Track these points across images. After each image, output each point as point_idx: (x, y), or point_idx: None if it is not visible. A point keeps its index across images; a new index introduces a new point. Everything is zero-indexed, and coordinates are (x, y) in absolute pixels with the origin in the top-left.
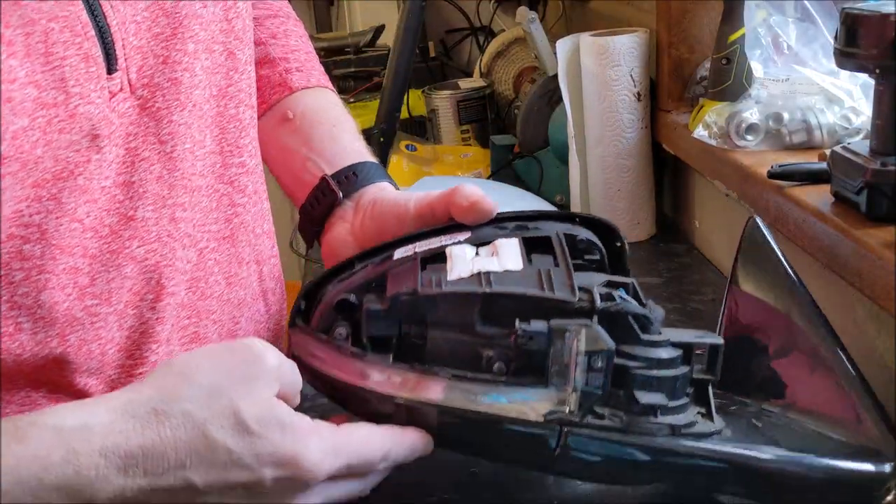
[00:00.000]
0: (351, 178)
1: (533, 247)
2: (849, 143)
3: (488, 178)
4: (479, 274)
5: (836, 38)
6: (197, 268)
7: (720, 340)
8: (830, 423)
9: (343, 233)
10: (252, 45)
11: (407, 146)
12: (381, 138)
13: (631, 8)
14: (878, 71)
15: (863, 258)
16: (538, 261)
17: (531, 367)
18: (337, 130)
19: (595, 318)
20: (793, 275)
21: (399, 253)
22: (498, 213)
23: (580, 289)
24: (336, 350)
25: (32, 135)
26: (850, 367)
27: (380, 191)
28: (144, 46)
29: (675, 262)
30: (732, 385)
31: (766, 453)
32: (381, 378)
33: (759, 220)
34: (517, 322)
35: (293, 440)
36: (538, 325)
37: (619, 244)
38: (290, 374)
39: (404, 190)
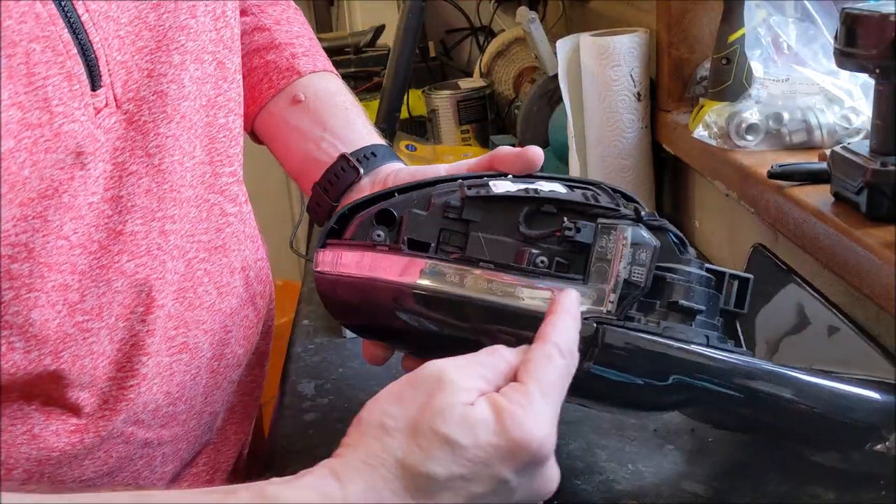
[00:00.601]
0: (370, 158)
1: (573, 188)
2: (849, 143)
3: None
4: (525, 189)
5: (836, 38)
6: (185, 278)
7: (750, 276)
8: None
9: None
10: (239, 54)
11: (407, 146)
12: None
13: (631, 8)
14: (878, 71)
15: (863, 258)
16: (581, 189)
17: (573, 266)
18: (350, 114)
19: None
20: (812, 294)
21: (442, 187)
22: None
23: (625, 198)
24: (372, 249)
25: (19, 156)
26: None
27: (396, 169)
28: (129, 61)
29: None
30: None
31: (797, 373)
32: (418, 271)
33: (762, 248)
34: (565, 219)
35: (510, 429)
36: (585, 221)
37: None
38: (483, 363)
39: None
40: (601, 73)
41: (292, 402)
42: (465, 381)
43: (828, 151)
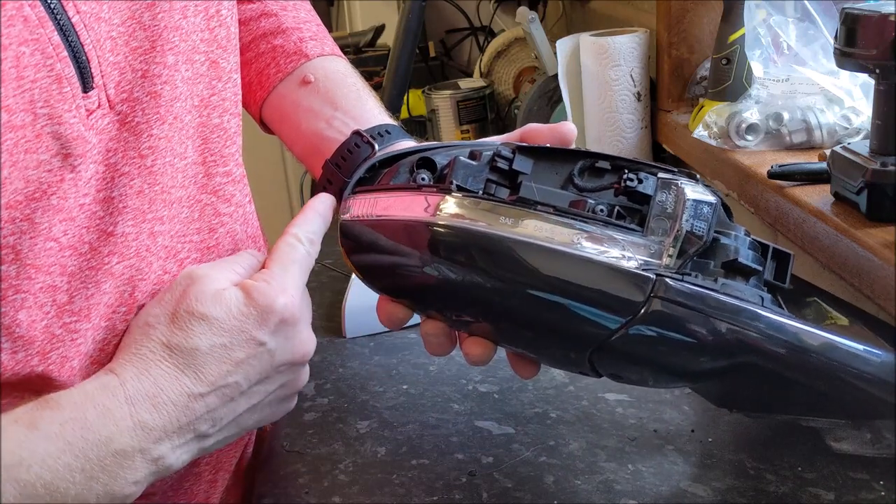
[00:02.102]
0: (384, 135)
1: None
2: (849, 143)
3: None
4: (576, 149)
5: (836, 38)
6: (176, 278)
7: (791, 252)
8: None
9: None
10: (238, 53)
11: None
12: None
13: (631, 8)
14: (878, 71)
15: (863, 258)
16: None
17: (632, 218)
18: (362, 93)
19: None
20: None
21: (479, 145)
22: None
23: (679, 171)
24: (417, 191)
25: (2, 157)
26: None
27: (409, 147)
28: (122, 62)
29: None
30: None
31: (853, 341)
32: (469, 211)
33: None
34: (625, 170)
35: (256, 297)
36: (646, 174)
37: None
38: (233, 260)
39: None
40: (601, 73)
41: None
42: (216, 273)
43: (828, 151)
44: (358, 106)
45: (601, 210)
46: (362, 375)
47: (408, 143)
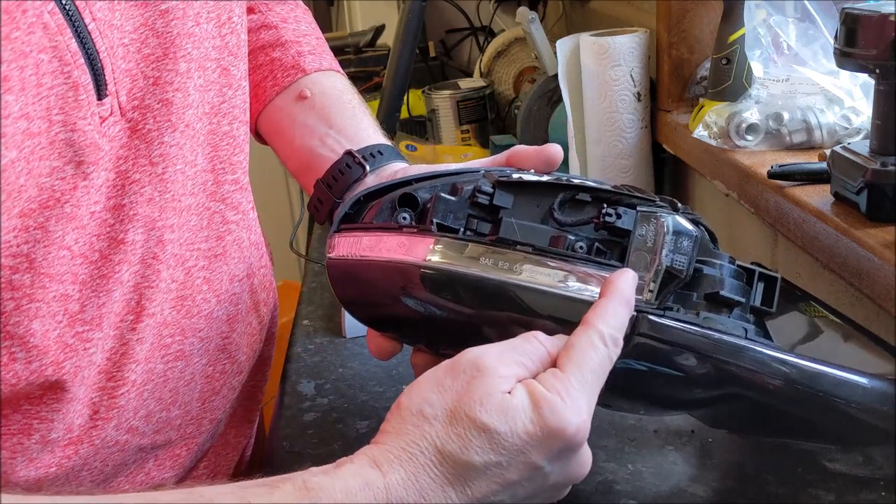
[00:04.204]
0: (376, 156)
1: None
2: (849, 143)
3: None
4: (556, 176)
5: (836, 38)
6: (184, 286)
7: (778, 274)
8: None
9: None
10: (247, 60)
11: (407, 146)
12: None
13: (631, 8)
14: (878, 71)
15: (863, 258)
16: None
17: (610, 253)
18: (357, 112)
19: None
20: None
21: (465, 177)
22: None
23: (661, 198)
24: (399, 232)
25: (18, 165)
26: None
27: (405, 167)
28: (134, 69)
29: None
30: None
31: (835, 369)
32: (450, 253)
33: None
34: (604, 205)
35: (547, 418)
36: (625, 209)
37: None
38: (521, 350)
39: None
40: (601, 73)
41: (292, 403)
42: (504, 368)
43: (828, 151)
44: (352, 124)
45: (581, 248)
46: (362, 375)
47: (400, 165)
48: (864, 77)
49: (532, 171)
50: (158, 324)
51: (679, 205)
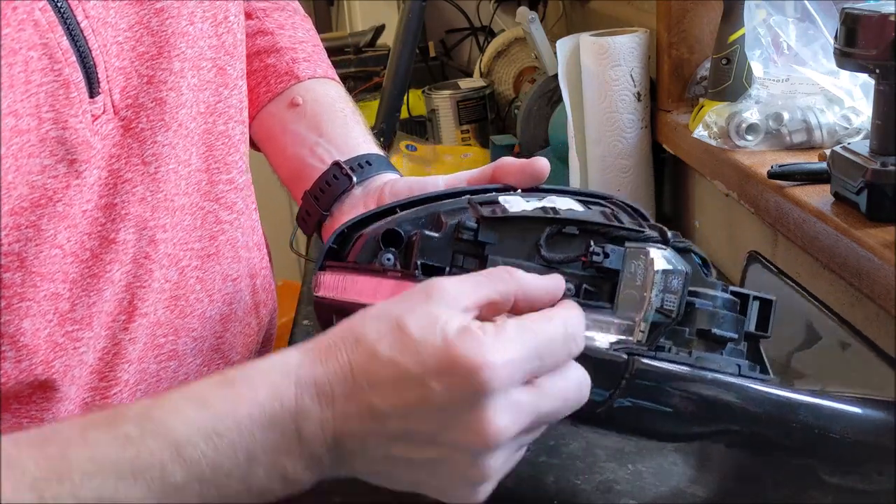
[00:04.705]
0: (364, 167)
1: (586, 204)
2: (849, 143)
3: None
4: (542, 208)
5: (836, 38)
6: (177, 286)
7: (773, 297)
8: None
9: None
10: (244, 60)
11: (407, 146)
12: (380, 138)
13: (631, 8)
14: (878, 71)
15: (863, 258)
16: (598, 208)
17: (598, 293)
18: (349, 120)
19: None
20: (808, 299)
21: (448, 203)
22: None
23: (649, 226)
24: (383, 275)
25: (6, 162)
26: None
27: (393, 178)
28: (128, 67)
29: None
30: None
31: (827, 401)
32: None
33: (759, 255)
34: (591, 243)
35: (458, 346)
36: (613, 245)
37: None
38: (477, 289)
39: None
40: (601, 73)
41: None
42: (458, 290)
43: (828, 151)
44: (343, 133)
45: (570, 290)
46: None
47: (388, 176)
48: (864, 77)
49: (518, 191)
50: (151, 324)
51: (668, 234)
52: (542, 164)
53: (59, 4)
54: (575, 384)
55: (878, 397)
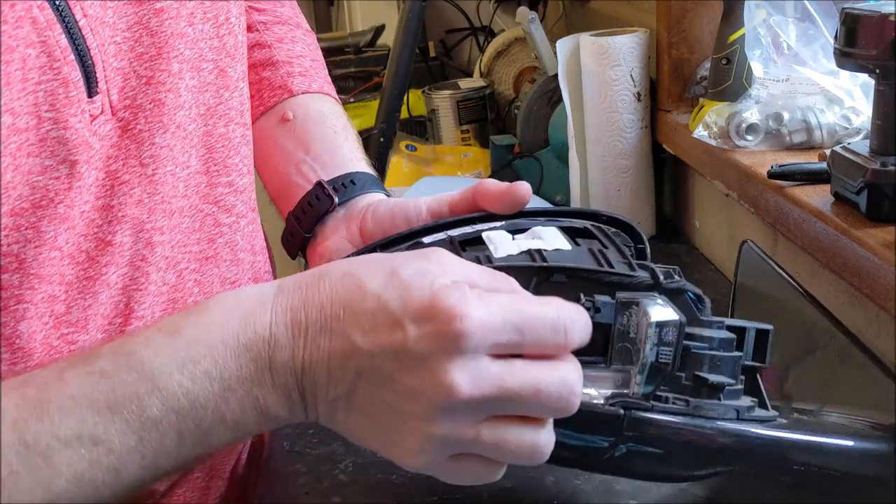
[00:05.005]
0: (348, 186)
1: (572, 235)
2: (849, 143)
3: (488, 178)
4: (528, 251)
5: (836, 38)
6: (175, 289)
7: (770, 326)
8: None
9: (339, 241)
10: (245, 62)
11: (407, 146)
12: (381, 138)
13: (631, 8)
14: (878, 71)
15: (863, 258)
16: (585, 244)
17: (591, 346)
18: (338, 138)
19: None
20: (798, 289)
21: (429, 239)
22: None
23: (639, 266)
24: None
25: (4, 160)
26: (868, 359)
27: (377, 199)
28: (126, 67)
29: (674, 262)
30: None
31: (829, 438)
32: None
33: (752, 244)
34: (581, 296)
35: (444, 295)
36: (604, 298)
37: (640, 246)
38: (474, 268)
39: (404, 190)
40: (601, 73)
41: None
42: (456, 265)
43: (828, 151)
44: (330, 151)
45: None
46: None
47: (373, 197)
48: (864, 77)
49: (502, 223)
50: (148, 326)
51: (660, 275)
52: (523, 190)
53: (57, 3)
54: (557, 379)
55: (877, 420)
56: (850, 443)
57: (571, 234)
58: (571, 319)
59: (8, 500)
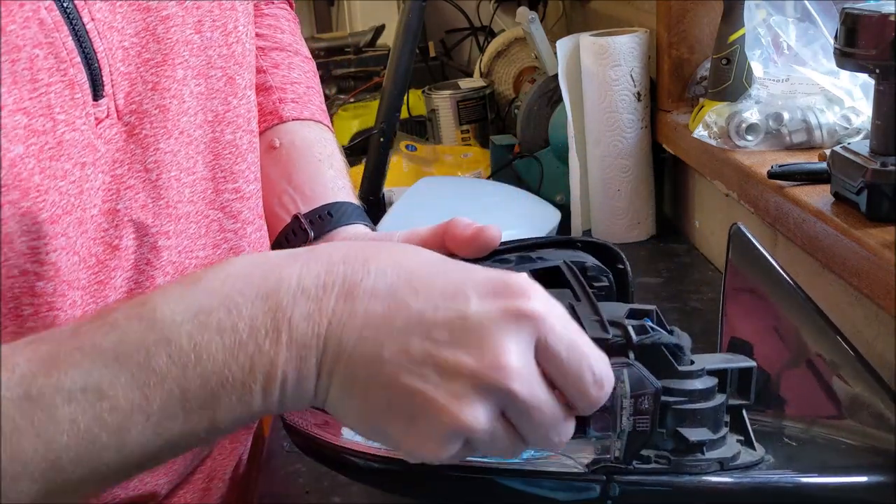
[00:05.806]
0: (325, 219)
1: (543, 280)
2: (849, 143)
3: (488, 178)
4: None
5: (836, 38)
6: None
7: (752, 363)
8: (858, 431)
9: None
10: (253, 70)
11: (407, 146)
12: (381, 138)
13: (631, 8)
14: (878, 71)
15: (863, 258)
16: (556, 296)
17: None
18: (322, 166)
19: (632, 355)
20: (785, 276)
21: None
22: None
23: (611, 323)
24: None
25: (28, 162)
26: (858, 363)
27: (354, 232)
28: (133, 72)
29: (674, 262)
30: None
31: (814, 479)
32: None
33: (741, 227)
34: None
35: (513, 275)
36: None
37: (620, 266)
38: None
39: (404, 190)
40: (601, 73)
41: None
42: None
43: (828, 151)
44: (311, 181)
45: None
46: None
47: (349, 230)
48: (864, 77)
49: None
50: None
51: (632, 336)
52: (491, 233)
53: (65, 5)
54: (557, 429)
55: (875, 442)
56: (841, 480)
57: (543, 280)
58: (610, 378)
59: (10, 458)
